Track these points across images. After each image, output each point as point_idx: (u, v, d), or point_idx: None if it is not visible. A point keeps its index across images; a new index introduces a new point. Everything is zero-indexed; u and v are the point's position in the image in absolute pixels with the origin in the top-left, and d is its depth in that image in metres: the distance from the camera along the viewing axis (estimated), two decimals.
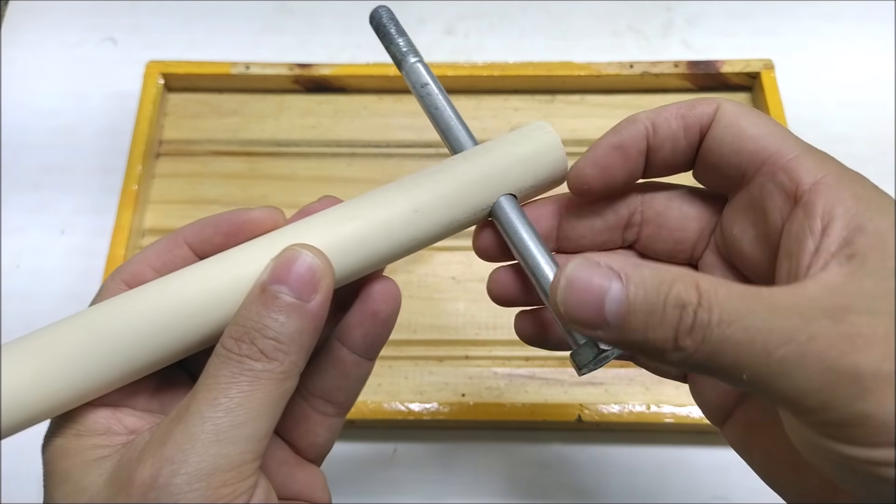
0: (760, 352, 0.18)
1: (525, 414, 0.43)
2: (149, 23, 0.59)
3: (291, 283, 0.22)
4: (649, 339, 0.19)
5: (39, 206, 0.52)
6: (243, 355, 0.21)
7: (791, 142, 0.23)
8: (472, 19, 0.59)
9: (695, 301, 0.19)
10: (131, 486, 0.20)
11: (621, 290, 0.20)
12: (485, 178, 0.25)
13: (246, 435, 0.20)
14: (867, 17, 0.58)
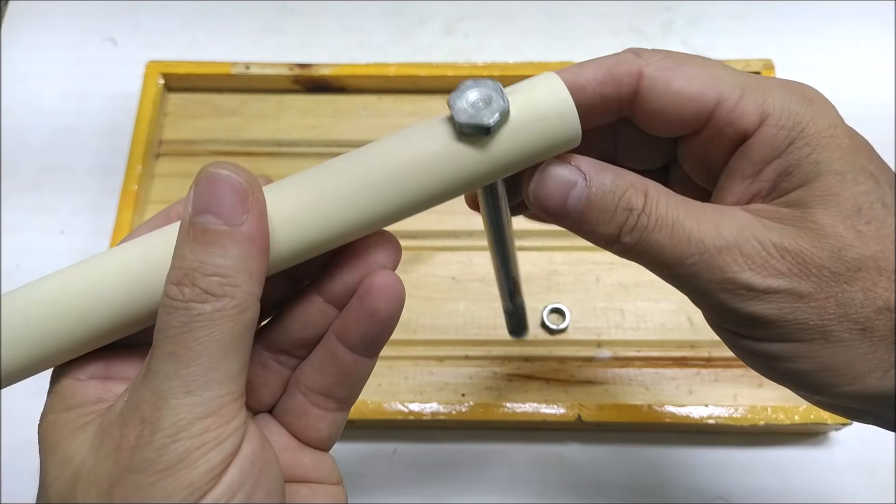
0: (678, 256, 0.22)
1: (525, 414, 0.43)
2: (149, 23, 0.59)
3: (216, 209, 0.20)
4: (598, 231, 0.23)
5: (39, 206, 0.52)
6: (188, 300, 0.20)
7: (730, 86, 0.23)
8: (472, 19, 0.59)
9: (640, 206, 0.23)
10: (118, 452, 0.20)
11: (584, 188, 0.23)
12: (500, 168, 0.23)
13: (216, 379, 0.20)
14: (867, 17, 0.58)
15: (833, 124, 0.23)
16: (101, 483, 0.20)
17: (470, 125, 0.21)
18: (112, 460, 0.20)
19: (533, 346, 0.46)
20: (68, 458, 0.21)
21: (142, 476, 0.19)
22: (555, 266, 0.48)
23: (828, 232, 0.22)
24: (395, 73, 0.52)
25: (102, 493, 0.20)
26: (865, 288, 0.22)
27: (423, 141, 0.22)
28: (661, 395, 0.44)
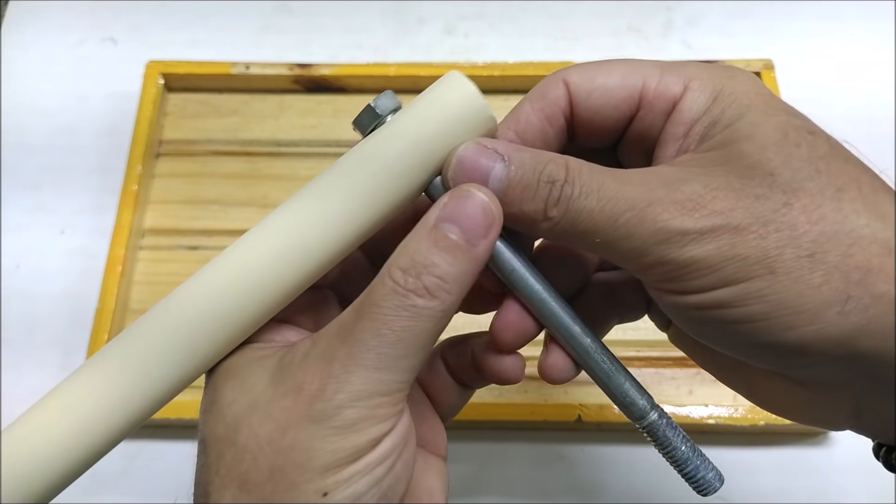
0: (608, 217, 0.22)
1: (525, 414, 0.43)
2: (149, 23, 0.59)
3: (463, 223, 0.22)
4: (524, 210, 0.23)
5: (39, 206, 0.52)
6: (409, 290, 0.22)
7: (649, 68, 0.25)
8: (472, 19, 0.59)
9: (562, 178, 0.23)
10: (299, 394, 0.22)
11: (503, 169, 0.23)
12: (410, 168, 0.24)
13: (403, 366, 0.22)
14: (867, 16, 0.58)
15: (753, 82, 0.23)
16: (278, 418, 0.22)
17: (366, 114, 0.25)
18: (291, 399, 0.22)
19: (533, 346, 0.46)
20: (248, 385, 0.23)
21: (318, 427, 0.21)
22: None
23: (756, 159, 0.21)
24: (395, 73, 0.52)
25: (277, 429, 0.22)
26: (808, 210, 0.21)
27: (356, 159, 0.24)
28: (661, 395, 0.44)
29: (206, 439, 0.23)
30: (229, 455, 0.22)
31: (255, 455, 0.22)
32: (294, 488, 0.21)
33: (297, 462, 0.21)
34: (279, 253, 0.23)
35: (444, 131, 0.24)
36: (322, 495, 0.21)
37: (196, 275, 0.24)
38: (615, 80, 0.25)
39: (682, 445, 0.26)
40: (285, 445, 0.22)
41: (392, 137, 0.24)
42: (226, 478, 0.22)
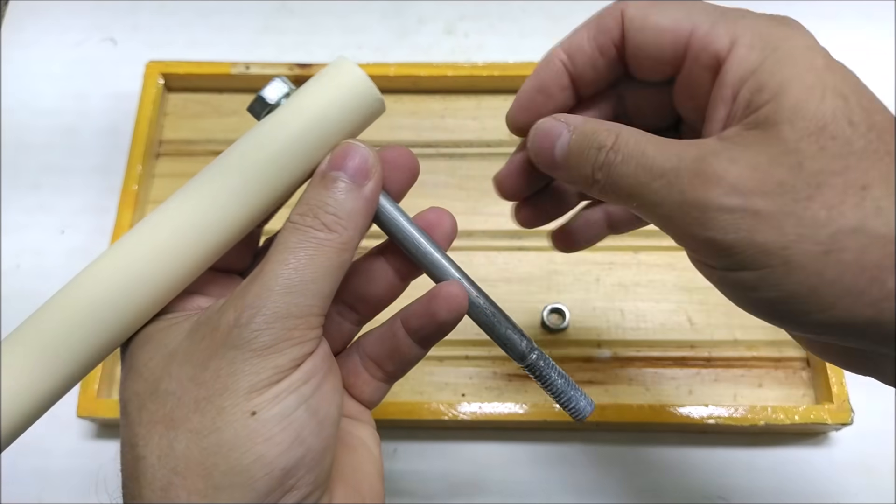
0: (642, 183, 0.24)
1: (525, 414, 0.43)
2: (149, 23, 0.59)
3: (348, 169, 0.25)
4: (579, 173, 0.26)
5: (39, 206, 0.52)
6: (308, 226, 0.24)
7: (701, 16, 0.24)
8: (472, 19, 0.59)
9: (609, 144, 0.24)
10: (216, 331, 0.23)
11: (567, 137, 0.26)
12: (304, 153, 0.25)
13: (312, 290, 0.23)
14: (867, 17, 0.58)
15: (808, 46, 0.23)
16: (197, 357, 0.23)
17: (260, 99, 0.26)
18: (209, 338, 0.23)
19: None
20: (163, 345, 0.24)
21: (238, 352, 0.22)
22: (555, 266, 0.48)
23: (788, 147, 0.21)
24: (395, 73, 0.52)
25: (197, 366, 0.23)
26: (829, 205, 0.21)
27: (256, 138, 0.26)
28: (661, 395, 0.44)
29: (126, 400, 0.24)
30: (151, 404, 0.23)
31: (179, 395, 0.23)
32: (222, 413, 0.22)
33: (221, 388, 0.22)
34: (181, 230, 0.25)
35: (333, 111, 0.26)
36: (250, 414, 0.22)
37: (101, 255, 0.25)
38: (667, 22, 0.25)
39: (559, 379, 0.29)
40: (208, 377, 0.23)
41: (284, 121, 0.25)
42: (149, 424, 0.23)
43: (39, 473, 0.45)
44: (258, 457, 0.22)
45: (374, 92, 0.26)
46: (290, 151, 0.25)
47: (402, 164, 0.28)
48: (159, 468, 0.22)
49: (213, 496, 0.22)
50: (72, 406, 0.44)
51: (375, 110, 0.27)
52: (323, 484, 0.24)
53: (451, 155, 0.52)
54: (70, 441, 0.45)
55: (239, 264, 0.28)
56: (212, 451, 0.22)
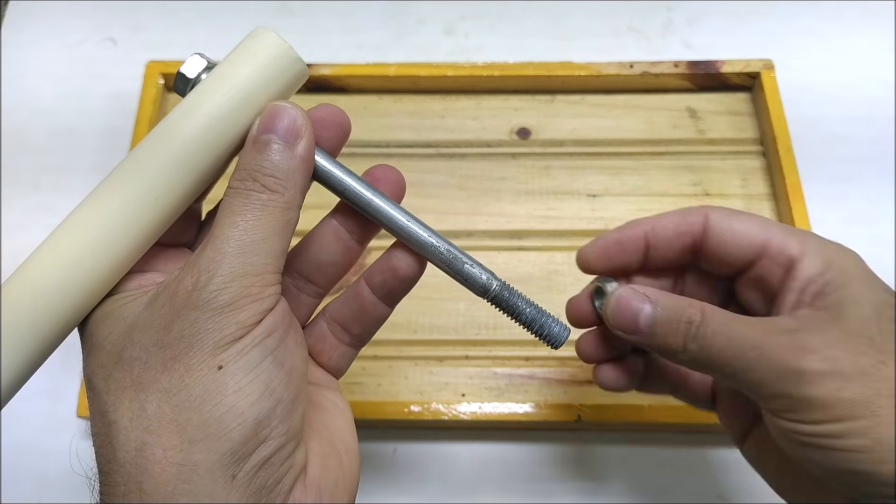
0: (737, 353, 0.28)
1: (525, 414, 0.43)
2: (149, 23, 0.59)
3: (278, 131, 0.25)
4: (667, 343, 0.29)
5: (39, 206, 0.52)
6: (249, 189, 0.25)
7: (775, 229, 0.30)
8: (472, 19, 0.59)
9: (698, 319, 0.29)
10: (175, 296, 0.24)
11: (652, 309, 0.30)
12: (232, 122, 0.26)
13: (264, 249, 0.24)
14: (867, 17, 0.58)
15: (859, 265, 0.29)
16: (159, 322, 0.23)
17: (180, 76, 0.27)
18: (169, 304, 0.24)
19: (533, 346, 0.46)
20: (122, 318, 0.25)
21: (199, 312, 0.23)
22: (555, 266, 0.48)
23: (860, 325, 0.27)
24: (395, 73, 0.52)
25: (160, 329, 0.23)
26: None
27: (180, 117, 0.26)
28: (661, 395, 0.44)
29: (90, 375, 0.25)
30: (117, 372, 0.24)
31: (144, 359, 0.23)
32: (190, 370, 0.23)
33: (186, 347, 0.23)
34: (123, 206, 0.25)
35: (254, 77, 0.26)
36: (217, 368, 0.23)
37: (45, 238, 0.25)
38: (748, 230, 0.30)
39: (528, 308, 0.30)
40: (172, 339, 0.23)
41: (207, 93, 0.26)
42: (117, 391, 0.23)
43: (39, 473, 0.44)
44: (230, 408, 0.23)
45: (292, 53, 0.26)
46: (218, 121, 0.25)
47: (333, 122, 0.28)
48: (132, 430, 0.23)
49: (188, 450, 0.22)
50: (72, 406, 0.44)
51: (298, 73, 0.27)
52: (296, 436, 0.25)
53: (451, 155, 0.52)
54: (70, 441, 0.45)
55: (185, 237, 0.29)
56: (183, 406, 0.22)
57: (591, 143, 0.52)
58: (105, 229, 0.25)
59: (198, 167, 0.26)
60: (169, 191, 0.25)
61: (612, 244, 0.33)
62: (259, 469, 0.23)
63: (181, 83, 0.27)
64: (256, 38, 0.26)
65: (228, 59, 0.26)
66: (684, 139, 0.52)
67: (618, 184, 0.51)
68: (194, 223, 0.29)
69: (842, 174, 0.52)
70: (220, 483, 0.22)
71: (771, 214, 0.49)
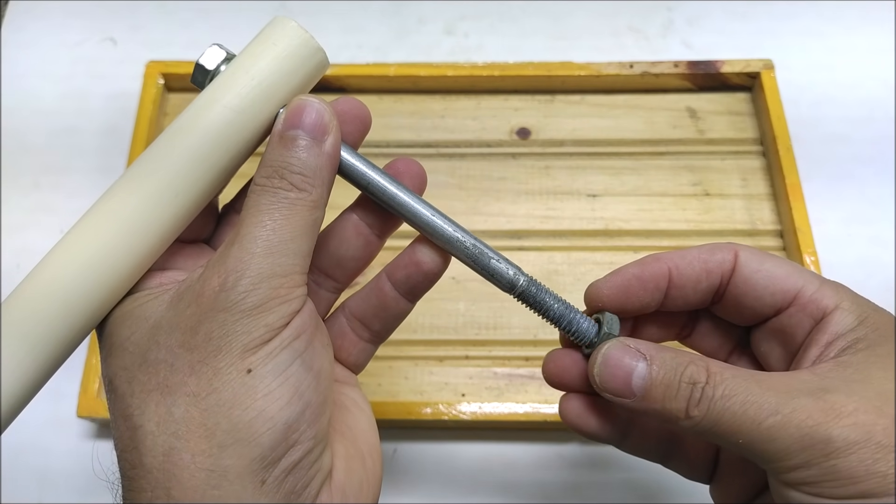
0: (752, 420, 0.23)
1: (525, 414, 0.43)
2: (149, 23, 0.59)
3: (305, 126, 0.25)
4: (666, 408, 0.25)
5: (39, 206, 0.52)
6: (276, 188, 0.24)
7: (809, 276, 0.27)
8: (472, 19, 0.59)
9: (703, 380, 0.24)
10: (201, 297, 0.23)
11: (646, 368, 0.25)
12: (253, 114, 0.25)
13: (292, 249, 0.24)
14: (867, 17, 0.58)
15: (888, 321, 0.26)
16: (185, 324, 0.23)
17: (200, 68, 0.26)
18: (195, 304, 0.23)
19: (533, 346, 0.46)
20: (144, 318, 0.24)
21: (227, 314, 0.23)
22: (555, 266, 0.48)
23: (890, 389, 0.23)
24: (395, 73, 0.52)
25: (187, 331, 0.23)
26: None
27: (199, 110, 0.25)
28: None
29: (111, 377, 0.24)
30: (141, 374, 0.23)
31: (170, 362, 0.23)
32: (218, 374, 0.22)
33: (215, 350, 0.22)
34: (144, 202, 0.24)
35: (275, 68, 0.25)
36: (247, 372, 0.22)
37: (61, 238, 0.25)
38: (781, 273, 0.27)
39: (556, 304, 0.28)
40: (199, 341, 0.23)
41: (227, 84, 0.25)
42: (142, 393, 0.23)
43: (39, 473, 0.44)
44: (259, 412, 0.22)
45: (312, 43, 0.26)
46: (239, 114, 0.25)
47: (355, 116, 0.27)
48: (159, 434, 0.22)
49: (217, 455, 0.22)
50: (72, 406, 0.44)
51: (318, 63, 0.26)
52: (324, 439, 0.24)
53: (451, 155, 0.52)
54: (70, 441, 0.45)
55: (203, 232, 0.28)
56: (212, 411, 0.22)
57: (591, 143, 0.52)
58: (124, 227, 0.24)
59: (218, 162, 0.25)
60: (189, 186, 0.25)
61: (631, 280, 0.28)
62: (288, 474, 0.23)
63: (200, 75, 0.26)
64: (276, 28, 0.26)
65: (248, 50, 0.26)
66: (684, 139, 0.52)
67: (618, 184, 0.51)
68: (212, 218, 0.29)
69: (842, 174, 0.52)
70: (250, 489, 0.22)
71: (771, 214, 0.49)
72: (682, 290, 0.28)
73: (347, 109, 0.27)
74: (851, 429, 0.22)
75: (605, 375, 0.26)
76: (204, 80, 0.26)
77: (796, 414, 0.23)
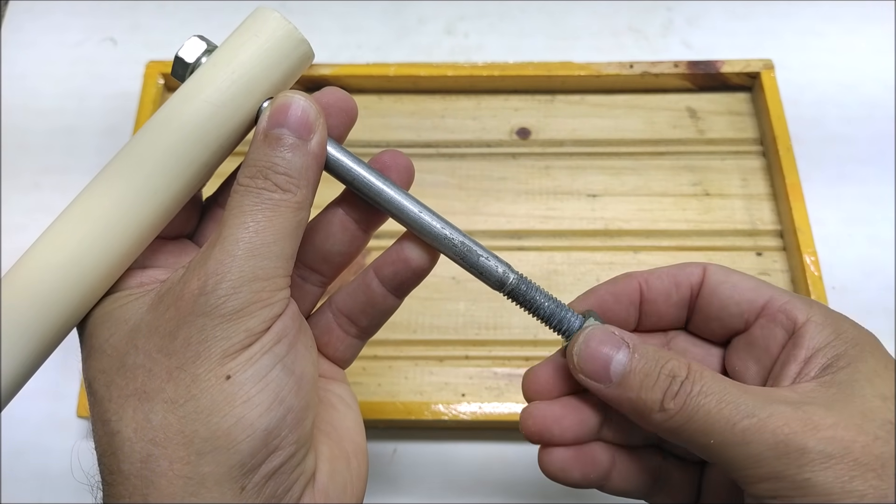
0: (727, 421, 0.23)
1: None
2: (149, 23, 0.59)
3: (290, 124, 0.24)
4: (641, 398, 0.24)
5: (39, 206, 0.52)
6: (260, 188, 0.24)
7: (777, 290, 0.27)
8: (472, 19, 0.59)
9: (683, 375, 0.24)
10: (181, 300, 0.23)
11: (627, 355, 0.25)
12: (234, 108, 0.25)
13: (275, 252, 0.23)
14: (867, 17, 0.58)
15: (870, 338, 0.25)
16: (164, 327, 0.23)
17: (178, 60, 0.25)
18: (175, 308, 0.23)
19: (533, 346, 0.46)
20: (123, 320, 0.24)
21: (207, 318, 0.22)
22: (555, 266, 0.48)
23: (876, 405, 0.23)
24: (395, 73, 0.52)
25: (165, 336, 0.23)
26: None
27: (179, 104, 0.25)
28: None
29: (90, 380, 0.24)
30: (119, 379, 0.23)
31: (149, 367, 0.22)
32: (196, 380, 0.22)
33: (193, 356, 0.22)
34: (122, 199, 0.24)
35: (260, 60, 0.25)
36: (225, 378, 0.22)
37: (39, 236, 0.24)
38: (748, 284, 0.27)
39: (546, 302, 0.28)
40: (178, 346, 0.22)
41: (207, 78, 0.24)
42: (120, 399, 0.23)
43: (39, 473, 0.44)
44: (238, 419, 0.22)
45: (296, 35, 0.25)
46: (220, 108, 0.24)
47: (340, 108, 0.27)
48: (137, 441, 0.22)
49: (195, 462, 0.22)
50: (72, 406, 0.44)
51: (303, 55, 0.26)
52: (307, 443, 0.24)
53: (451, 155, 0.52)
54: (70, 441, 0.45)
55: (186, 228, 0.28)
56: (190, 418, 0.22)
57: (591, 143, 0.52)
58: (102, 225, 0.24)
59: (199, 157, 0.24)
60: (168, 183, 0.24)
61: (605, 296, 0.29)
62: (268, 479, 0.22)
63: (180, 67, 0.25)
64: (258, 19, 0.25)
65: (229, 42, 0.25)
66: (684, 139, 0.52)
67: (618, 184, 0.51)
68: (195, 213, 0.28)
69: (842, 174, 0.52)
70: (229, 495, 0.22)
71: (771, 214, 0.49)
72: (654, 304, 0.29)
73: (332, 102, 0.26)
74: (829, 442, 0.22)
75: (585, 356, 0.26)
76: (184, 73, 0.25)
77: (773, 419, 0.22)
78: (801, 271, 0.46)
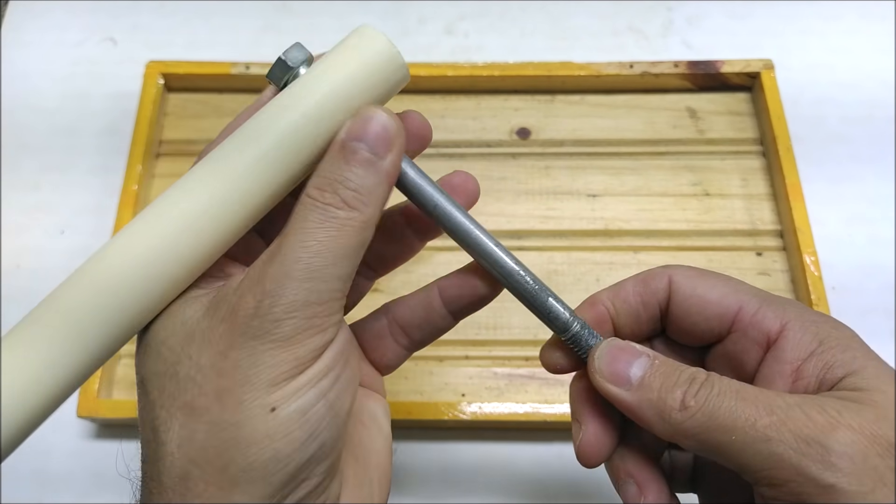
0: (748, 418, 0.22)
1: (525, 414, 0.43)
2: (149, 23, 0.59)
3: (368, 139, 0.23)
4: (662, 398, 0.24)
5: (39, 206, 0.52)
6: (327, 203, 0.23)
7: (748, 296, 0.26)
8: (472, 19, 0.59)
9: (703, 377, 0.24)
10: (235, 316, 0.22)
11: (648, 361, 0.25)
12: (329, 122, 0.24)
13: (334, 274, 0.23)
14: (867, 17, 0.58)
15: (857, 338, 0.25)
16: (217, 343, 0.23)
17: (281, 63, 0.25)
18: (228, 322, 0.22)
19: (533, 346, 0.46)
20: (182, 320, 0.24)
21: (258, 342, 0.22)
22: (555, 266, 0.48)
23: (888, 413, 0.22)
24: None
25: (218, 354, 0.22)
26: None
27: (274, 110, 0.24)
28: None
29: (144, 378, 0.24)
30: (172, 387, 0.23)
31: (199, 382, 0.22)
32: (241, 407, 0.22)
33: (241, 380, 0.22)
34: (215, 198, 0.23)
35: (362, 80, 0.24)
36: (270, 410, 0.22)
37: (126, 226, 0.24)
38: (714, 296, 0.26)
39: (592, 340, 0.27)
40: (228, 366, 0.22)
41: (306, 90, 0.24)
42: (171, 408, 0.23)
43: (39, 473, 0.44)
44: (275, 453, 0.22)
45: (399, 60, 0.25)
46: (315, 123, 0.24)
47: (415, 134, 0.27)
48: (178, 457, 0.22)
49: (228, 489, 0.22)
50: (72, 406, 0.44)
51: (401, 79, 0.26)
52: (333, 472, 0.24)
53: (451, 155, 0.52)
54: (70, 441, 0.45)
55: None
56: (230, 444, 0.22)
57: (591, 143, 0.52)
58: (183, 230, 0.23)
59: (288, 169, 0.24)
60: (255, 193, 0.24)
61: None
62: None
63: (280, 70, 0.25)
64: (364, 37, 0.25)
65: (332, 57, 0.25)
66: (684, 139, 0.52)
67: (618, 184, 0.51)
68: None
69: (842, 174, 0.52)
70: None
71: (771, 214, 0.49)
72: (625, 327, 0.28)
73: (412, 127, 0.26)
74: (852, 445, 0.21)
75: (608, 361, 0.26)
76: (283, 76, 0.25)
77: (796, 413, 0.22)
78: (801, 271, 0.46)
